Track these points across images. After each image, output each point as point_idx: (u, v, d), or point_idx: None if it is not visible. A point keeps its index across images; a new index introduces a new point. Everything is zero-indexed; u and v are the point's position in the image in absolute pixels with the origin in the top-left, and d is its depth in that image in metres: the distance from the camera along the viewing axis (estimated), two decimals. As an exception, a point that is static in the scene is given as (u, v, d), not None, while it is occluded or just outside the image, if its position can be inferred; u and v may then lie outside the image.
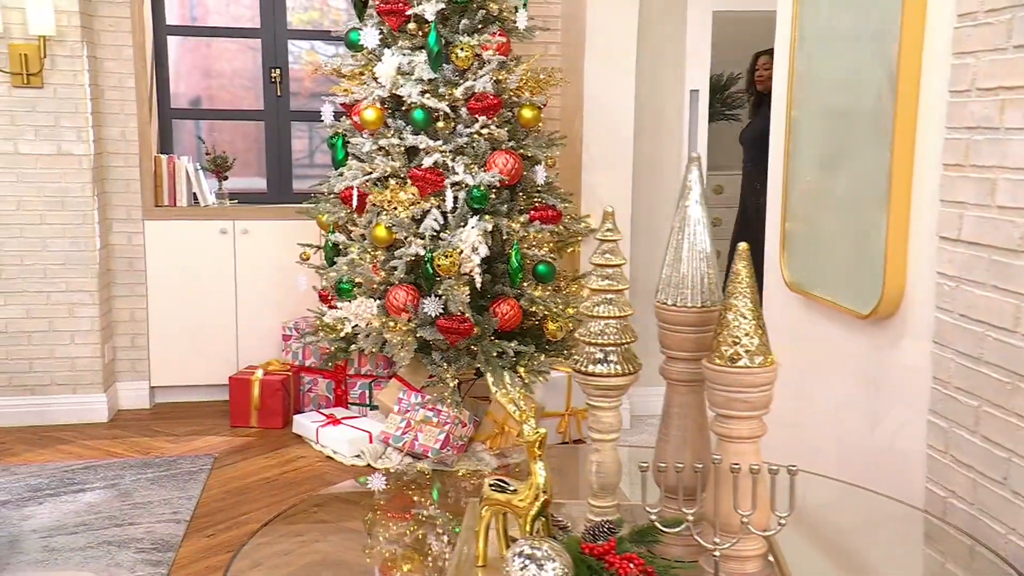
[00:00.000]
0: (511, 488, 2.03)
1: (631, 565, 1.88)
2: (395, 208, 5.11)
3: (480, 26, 5.28)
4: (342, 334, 5.31)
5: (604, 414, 2.19)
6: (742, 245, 1.92)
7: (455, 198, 5.09)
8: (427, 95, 5.13)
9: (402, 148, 5.18)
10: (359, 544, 4.39)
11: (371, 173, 5.23)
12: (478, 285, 5.05)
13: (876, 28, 2.71)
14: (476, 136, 5.16)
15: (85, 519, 4.52)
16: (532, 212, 5.28)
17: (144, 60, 6.03)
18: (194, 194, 6.28)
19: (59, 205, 5.74)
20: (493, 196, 5.13)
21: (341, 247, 5.45)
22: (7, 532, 4.37)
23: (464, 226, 5.07)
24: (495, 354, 5.18)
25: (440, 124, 5.15)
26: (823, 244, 3.03)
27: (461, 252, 4.98)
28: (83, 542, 4.28)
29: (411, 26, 5.20)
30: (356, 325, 5.25)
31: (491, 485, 2.06)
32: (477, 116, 5.12)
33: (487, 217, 5.11)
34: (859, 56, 2.81)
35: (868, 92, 2.75)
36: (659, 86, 5.94)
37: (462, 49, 5.13)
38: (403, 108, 5.28)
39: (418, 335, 5.16)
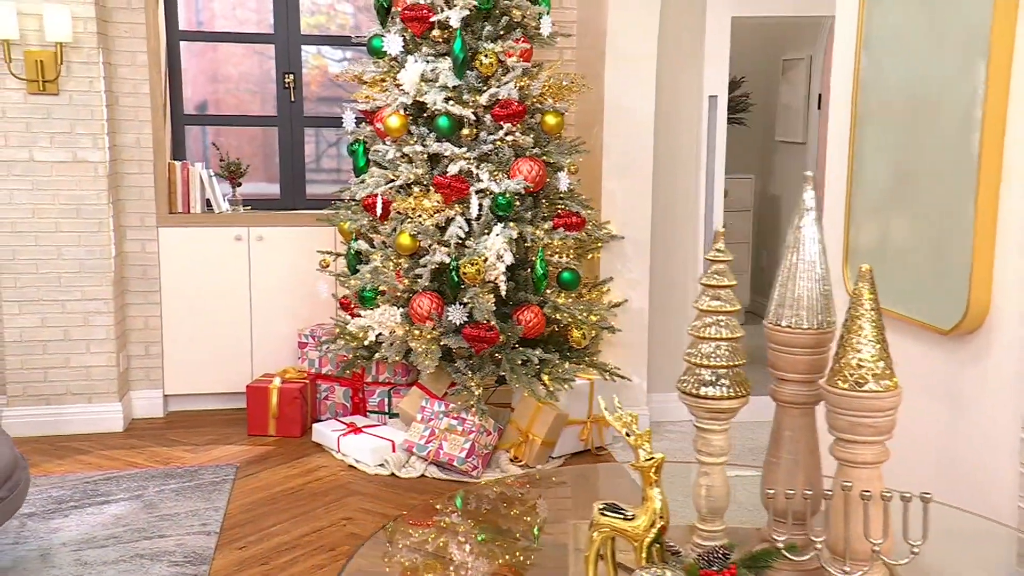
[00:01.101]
0: (629, 514, 2.00)
1: (754, 592, 1.86)
2: (419, 216, 5.08)
3: (503, 32, 5.26)
4: (366, 342, 5.28)
5: (714, 437, 2.15)
6: (864, 266, 1.89)
7: (480, 205, 5.07)
8: (451, 102, 5.11)
9: (425, 155, 5.15)
10: (391, 556, 4.37)
11: (394, 180, 5.20)
12: (503, 293, 5.03)
13: (960, 32, 2.67)
14: (500, 143, 5.13)
15: (114, 532, 4.47)
16: (556, 219, 5.26)
17: (159, 66, 5.98)
18: (207, 200, 6.23)
19: (74, 213, 5.68)
20: (517, 203, 5.11)
21: (363, 255, 5.42)
22: (36, 545, 4.32)
23: (489, 234, 5.04)
24: (520, 362, 5.16)
25: (465, 131, 5.12)
26: (895, 256, 2.98)
27: (486, 260, 4.96)
28: (115, 555, 4.23)
29: (435, 33, 5.17)
30: (380, 333, 5.22)
31: (601, 510, 2.03)
32: (502, 123, 5.10)
33: (511, 224, 5.09)
34: (940, 61, 2.76)
35: (950, 98, 2.71)
36: (677, 91, 5.94)
37: (486, 56, 5.10)
38: (425, 115, 5.26)
39: (442, 343, 5.14)
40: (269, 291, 6.24)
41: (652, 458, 1.97)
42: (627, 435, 2.02)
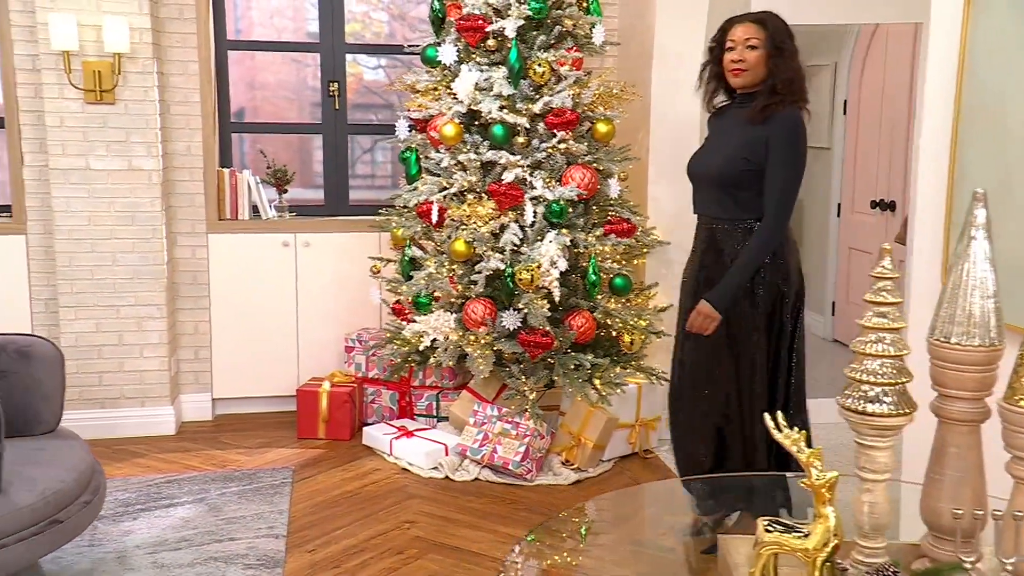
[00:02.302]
0: (803, 531, 2.02)
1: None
2: (474, 223, 5.16)
3: (554, 42, 5.35)
4: (420, 347, 5.36)
5: (879, 454, 2.15)
6: None
7: (534, 212, 5.16)
8: (505, 110, 5.19)
9: (478, 163, 5.23)
10: (461, 560, 4.45)
11: (448, 188, 5.28)
12: (556, 299, 5.12)
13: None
14: (553, 151, 5.22)
15: (184, 534, 4.56)
16: (607, 225, 5.35)
17: (209, 75, 6.06)
18: (254, 207, 6.32)
19: (129, 220, 5.76)
20: (570, 210, 5.19)
21: (417, 261, 5.50)
22: (112, 548, 4.41)
23: (542, 240, 5.13)
24: (572, 367, 5.25)
25: (520, 139, 5.21)
26: (1006, 266, 2.92)
27: (540, 266, 5.04)
28: (189, 558, 4.31)
29: (490, 42, 5.26)
30: (435, 339, 5.31)
31: (766, 527, 2.06)
32: (555, 131, 5.19)
33: (564, 231, 5.18)
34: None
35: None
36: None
37: (539, 65, 5.19)
38: (478, 123, 5.34)
39: (495, 348, 5.22)
40: (315, 296, 6.33)
41: (825, 476, 1.99)
42: (797, 453, 2.04)
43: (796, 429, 2.09)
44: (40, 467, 3.78)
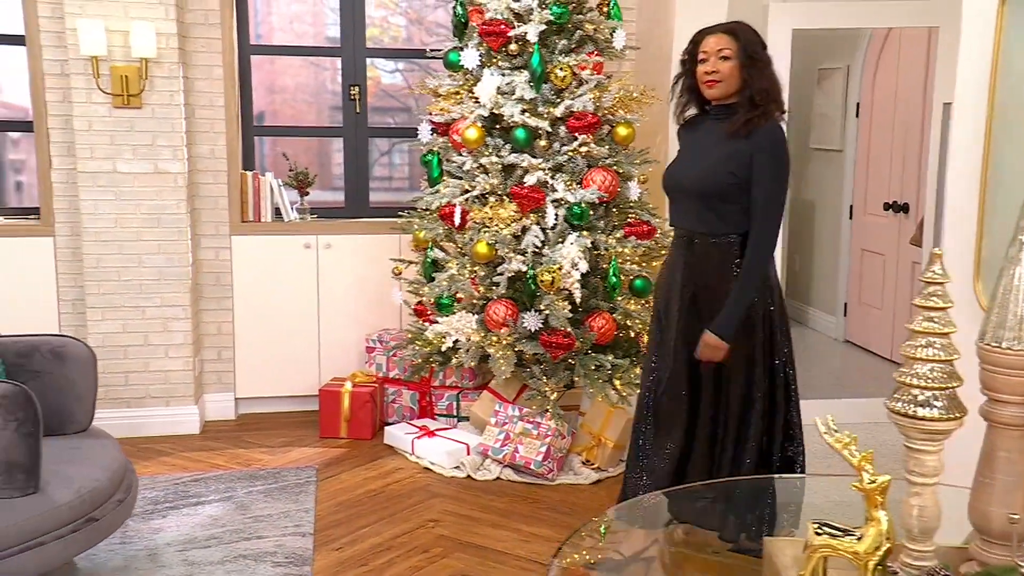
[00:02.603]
0: (856, 534, 2.05)
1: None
2: (496, 225, 5.24)
3: (575, 46, 5.43)
4: (443, 348, 5.44)
5: (928, 458, 2.16)
6: None
7: (555, 215, 5.22)
8: (527, 114, 5.26)
9: (500, 166, 5.30)
10: (485, 559, 4.52)
11: (470, 191, 5.36)
12: (577, 300, 5.19)
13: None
14: (574, 154, 5.29)
15: (213, 532, 4.63)
16: (627, 228, 5.41)
17: (233, 79, 6.14)
18: (276, 209, 6.39)
19: (155, 222, 5.84)
20: (591, 213, 5.26)
21: (439, 263, 5.58)
22: (143, 546, 4.48)
23: (563, 242, 5.20)
24: (593, 367, 5.32)
25: (542, 143, 5.28)
26: None
27: (561, 268, 5.11)
28: (219, 556, 4.39)
29: (512, 47, 5.33)
30: (457, 340, 5.38)
31: (816, 530, 2.08)
32: (576, 134, 5.26)
33: (585, 233, 5.25)
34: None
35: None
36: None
37: (561, 69, 5.26)
38: (499, 127, 5.41)
39: (516, 349, 5.29)
40: (336, 297, 6.42)
41: (876, 480, 2.02)
42: (849, 456, 2.06)
43: (843, 434, 2.12)
44: (75, 466, 3.86)
